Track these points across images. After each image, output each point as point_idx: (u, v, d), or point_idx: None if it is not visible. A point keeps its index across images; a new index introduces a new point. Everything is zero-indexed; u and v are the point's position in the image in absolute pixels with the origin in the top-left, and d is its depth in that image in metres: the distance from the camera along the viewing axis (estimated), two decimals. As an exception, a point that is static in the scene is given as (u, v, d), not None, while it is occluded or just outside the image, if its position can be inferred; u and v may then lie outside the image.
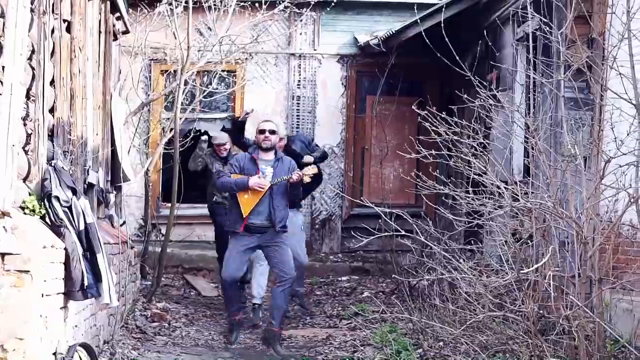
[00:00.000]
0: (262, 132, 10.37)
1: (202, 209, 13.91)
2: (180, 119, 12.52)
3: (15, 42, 6.25)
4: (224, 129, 12.77)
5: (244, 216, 10.12)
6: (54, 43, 7.60)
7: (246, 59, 15.80)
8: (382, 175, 15.89)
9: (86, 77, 9.08)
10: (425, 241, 8.79)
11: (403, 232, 8.67)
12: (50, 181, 6.89)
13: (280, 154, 10.58)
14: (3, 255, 5.97)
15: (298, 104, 16.10)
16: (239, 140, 12.03)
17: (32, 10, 6.73)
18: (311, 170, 10.15)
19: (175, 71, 13.52)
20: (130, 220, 14.21)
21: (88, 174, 9.16)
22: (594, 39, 9.70)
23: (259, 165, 10.26)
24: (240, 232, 10.18)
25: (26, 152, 6.75)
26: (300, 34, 16.13)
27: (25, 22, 6.44)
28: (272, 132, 10.36)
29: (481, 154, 8.26)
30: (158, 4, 13.35)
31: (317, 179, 11.24)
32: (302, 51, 16.13)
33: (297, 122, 16.04)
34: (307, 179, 10.12)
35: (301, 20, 15.73)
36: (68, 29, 8.31)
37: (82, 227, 7.08)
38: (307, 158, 11.50)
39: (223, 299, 11.36)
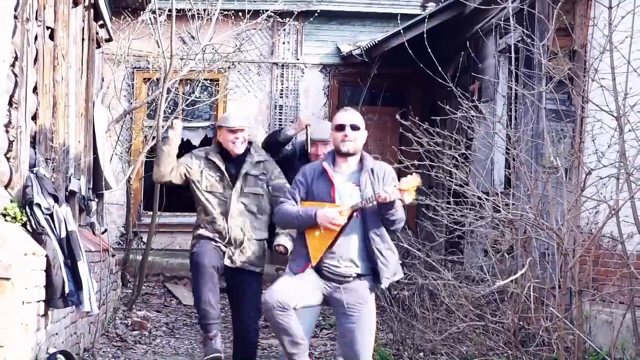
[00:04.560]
0: (340, 128, 6.34)
1: (184, 218, 13.89)
2: (163, 127, 12.49)
3: (-2, 48, 6.24)
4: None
5: (313, 264, 6.28)
6: (37, 50, 7.59)
7: (229, 67, 15.80)
8: (364, 185, 15.83)
9: (69, 85, 9.06)
10: (409, 247, 8.79)
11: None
12: (32, 188, 6.87)
13: (370, 161, 6.44)
14: (-16, 262, 5.95)
15: (280, 113, 16.10)
16: (276, 154, 8.32)
17: (15, 17, 6.71)
18: (413, 181, 6.05)
19: (157, 79, 13.53)
20: (111, 228, 14.18)
21: (70, 182, 9.13)
22: (575, 51, 9.76)
23: (334, 182, 6.31)
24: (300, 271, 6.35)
25: (8, 159, 6.72)
26: (283, 43, 16.14)
27: (8, 29, 6.42)
28: (355, 127, 6.35)
29: (463, 165, 8.28)
30: (141, 12, 13.36)
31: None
32: (285, 60, 16.15)
33: (279, 131, 16.03)
34: (408, 198, 6.04)
35: (284, 30, 15.76)
36: (51, 36, 8.30)
37: (63, 234, 7.06)
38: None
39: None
